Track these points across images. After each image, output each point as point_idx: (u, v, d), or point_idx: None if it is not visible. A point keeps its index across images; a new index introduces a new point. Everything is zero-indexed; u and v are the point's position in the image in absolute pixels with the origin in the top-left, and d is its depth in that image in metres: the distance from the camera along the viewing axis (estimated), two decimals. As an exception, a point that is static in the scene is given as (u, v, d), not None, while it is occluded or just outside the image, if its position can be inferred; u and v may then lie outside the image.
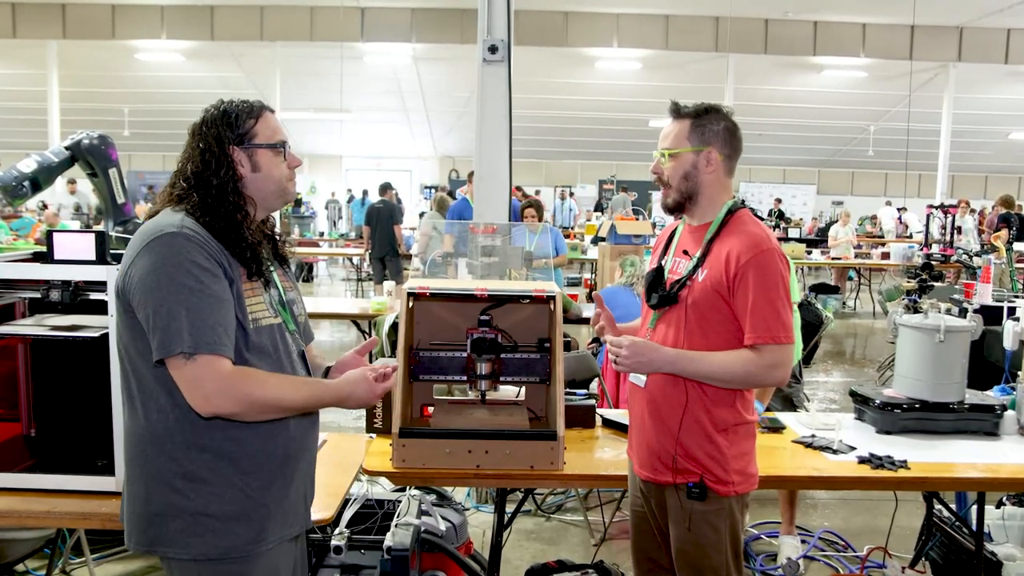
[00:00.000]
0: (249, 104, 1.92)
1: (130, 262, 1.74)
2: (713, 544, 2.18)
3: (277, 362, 1.86)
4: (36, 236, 9.40)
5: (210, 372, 1.67)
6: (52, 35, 16.56)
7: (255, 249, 1.85)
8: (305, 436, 1.96)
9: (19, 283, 2.33)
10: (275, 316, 1.89)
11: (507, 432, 2.53)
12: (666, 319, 2.25)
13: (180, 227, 1.74)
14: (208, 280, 1.71)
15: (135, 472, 1.81)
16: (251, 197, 1.89)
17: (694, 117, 2.22)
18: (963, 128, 19.37)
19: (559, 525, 4.25)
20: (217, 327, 1.69)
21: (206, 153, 1.86)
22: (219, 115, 1.88)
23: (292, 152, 1.96)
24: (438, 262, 5.51)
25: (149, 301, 1.69)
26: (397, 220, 10.81)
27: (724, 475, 2.17)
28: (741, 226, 2.19)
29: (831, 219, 20.48)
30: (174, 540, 1.77)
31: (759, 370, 2.11)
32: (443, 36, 16.19)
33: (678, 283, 2.20)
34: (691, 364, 2.14)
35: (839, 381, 7.89)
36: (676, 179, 2.23)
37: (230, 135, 1.87)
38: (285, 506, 1.89)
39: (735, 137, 2.25)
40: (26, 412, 2.45)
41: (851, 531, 4.18)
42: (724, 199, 2.25)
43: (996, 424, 3.08)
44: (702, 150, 2.20)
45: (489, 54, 5.09)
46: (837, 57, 17.50)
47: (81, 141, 3.14)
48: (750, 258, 2.10)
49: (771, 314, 2.09)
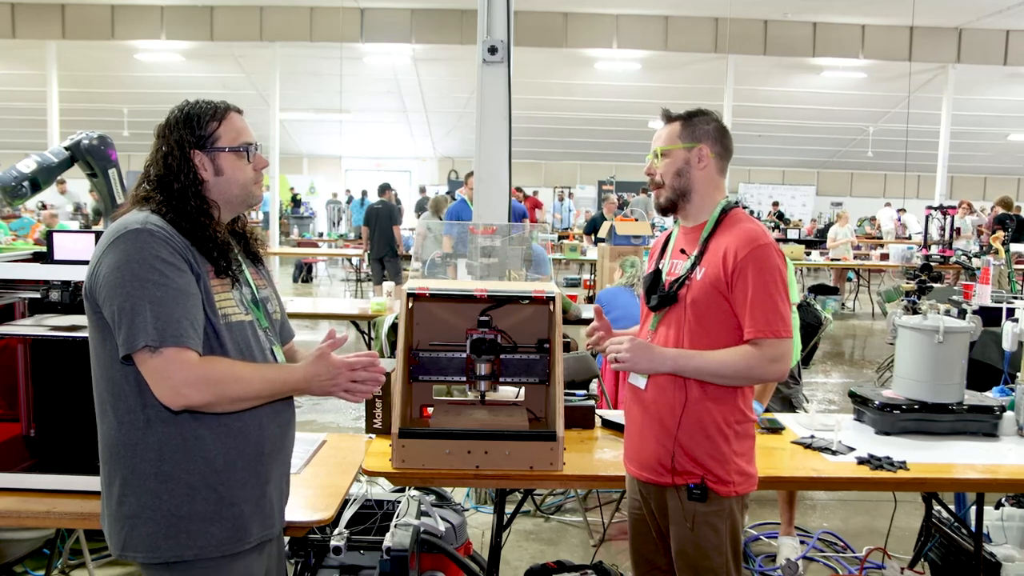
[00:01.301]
0: (213, 105, 1.90)
1: (96, 262, 1.74)
2: (714, 546, 2.18)
3: (249, 358, 1.85)
4: (35, 236, 9.40)
5: (177, 364, 1.67)
6: (51, 35, 16.53)
7: (222, 248, 1.84)
8: (280, 435, 1.94)
9: (19, 283, 2.33)
10: (246, 313, 1.88)
11: (506, 433, 2.53)
12: (666, 320, 2.25)
13: (144, 223, 1.74)
14: (173, 274, 1.71)
15: (112, 475, 1.80)
16: (215, 200, 1.88)
17: (685, 118, 2.28)
18: (962, 129, 19.37)
19: (558, 526, 4.25)
20: (183, 320, 1.69)
21: (168, 157, 1.85)
22: (182, 117, 1.87)
23: (259, 154, 1.94)
24: (437, 263, 5.51)
25: (114, 297, 1.69)
26: (396, 221, 10.82)
27: (725, 475, 2.18)
28: (736, 223, 2.21)
29: (830, 220, 20.49)
30: (145, 544, 1.77)
31: (760, 364, 2.12)
32: (443, 37, 16.18)
33: (676, 282, 2.21)
34: (692, 361, 2.15)
35: (838, 382, 7.90)
36: (669, 176, 2.25)
37: (191, 139, 1.85)
38: (262, 505, 1.88)
39: (726, 136, 2.29)
40: (25, 412, 2.45)
41: (850, 532, 4.18)
42: (717, 198, 2.26)
43: (995, 425, 3.08)
44: (694, 147, 2.24)
45: (489, 55, 5.09)
46: (836, 58, 17.48)
47: (81, 141, 3.14)
48: (747, 253, 2.11)
49: (770, 308, 2.10)
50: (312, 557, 2.74)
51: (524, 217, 9.74)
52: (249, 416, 1.83)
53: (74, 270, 2.24)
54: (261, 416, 1.86)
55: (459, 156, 24.17)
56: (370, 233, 10.72)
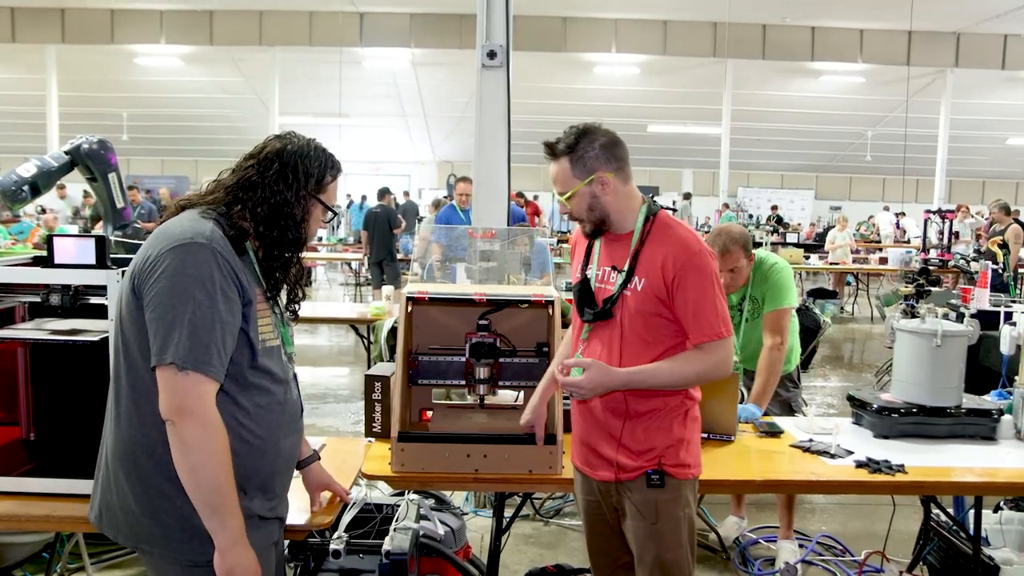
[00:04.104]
0: (335, 162, 1.97)
1: (155, 256, 1.74)
2: (674, 536, 2.23)
3: (285, 383, 1.91)
4: (35, 240, 9.41)
5: (194, 394, 1.68)
6: (51, 40, 16.57)
7: (288, 280, 1.94)
8: (290, 453, 1.99)
9: (19, 287, 2.33)
10: (277, 338, 1.92)
11: (506, 436, 2.53)
12: (598, 334, 2.28)
13: (210, 239, 1.75)
14: (218, 298, 1.72)
15: (126, 469, 1.81)
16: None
17: (569, 152, 2.24)
18: (961, 133, 19.42)
19: (558, 529, 4.25)
20: (211, 346, 1.70)
21: (283, 183, 1.87)
22: (312, 155, 1.91)
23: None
24: (436, 267, 5.52)
25: (158, 305, 1.70)
26: (395, 225, 10.83)
27: (685, 457, 2.25)
28: (668, 231, 2.24)
29: (829, 224, 20.50)
30: (164, 541, 1.79)
31: (709, 368, 2.20)
32: (442, 41, 16.22)
33: (610, 300, 2.24)
34: (646, 379, 2.19)
35: (837, 386, 7.90)
36: (583, 212, 2.27)
37: (314, 182, 1.91)
38: (268, 515, 1.90)
39: (616, 148, 2.27)
40: (25, 416, 2.45)
41: (849, 535, 4.18)
42: (635, 206, 2.28)
43: (993, 428, 3.09)
44: (592, 178, 2.23)
45: (488, 59, 5.10)
46: (835, 63, 17.54)
47: (80, 146, 3.15)
48: (685, 262, 2.17)
49: (712, 313, 2.18)
50: (311, 561, 2.73)
51: (523, 221, 9.75)
52: (267, 433, 1.86)
53: (74, 274, 2.24)
54: (279, 435, 1.90)
55: (458, 160, 24.19)
56: (369, 237, 10.74)
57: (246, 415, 1.82)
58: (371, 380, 2.93)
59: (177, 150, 24.29)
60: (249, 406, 1.83)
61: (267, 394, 1.86)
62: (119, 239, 3.15)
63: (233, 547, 1.74)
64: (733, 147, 18.00)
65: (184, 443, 1.70)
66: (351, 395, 6.99)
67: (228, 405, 1.78)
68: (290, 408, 1.95)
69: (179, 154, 24.55)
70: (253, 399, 1.84)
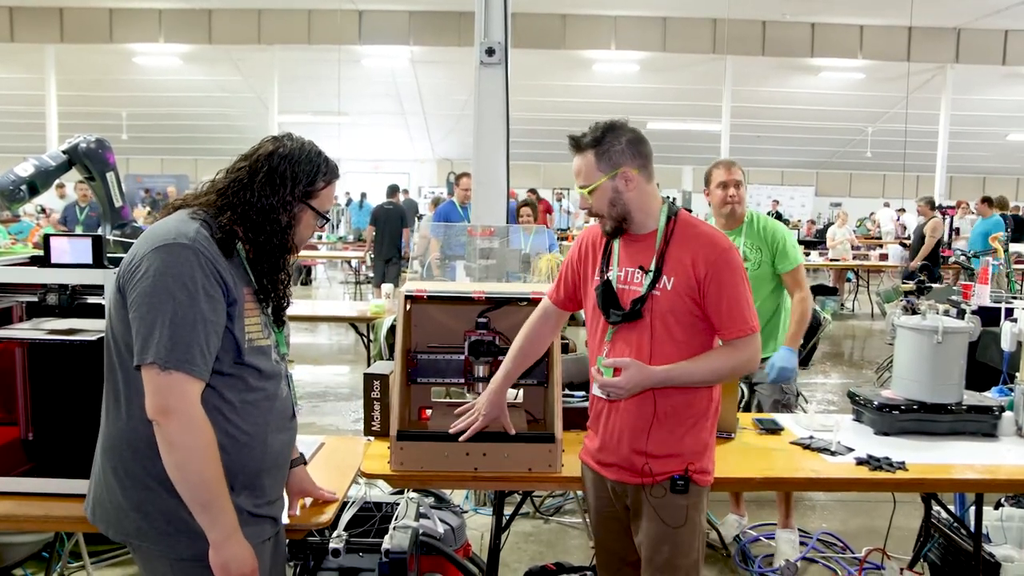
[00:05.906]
0: (331, 168, 1.94)
1: (139, 258, 1.75)
2: (689, 542, 2.23)
3: (274, 379, 1.90)
4: (34, 240, 9.40)
5: (178, 393, 1.69)
6: (50, 39, 16.56)
7: (279, 284, 1.92)
8: (281, 451, 1.98)
9: (16, 287, 2.33)
10: (268, 337, 1.92)
11: (505, 434, 2.53)
12: (623, 336, 2.25)
13: (192, 240, 1.75)
14: (200, 297, 1.72)
15: (112, 464, 1.82)
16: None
17: (595, 146, 2.23)
18: (961, 129, 19.39)
19: (558, 527, 4.25)
20: (194, 346, 1.70)
21: (268, 189, 1.86)
22: (303, 159, 1.89)
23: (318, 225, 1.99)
24: (435, 265, 5.51)
25: (140, 304, 1.71)
26: (407, 223, 10.72)
27: (707, 464, 2.26)
28: (692, 229, 2.24)
29: (829, 221, 20.50)
30: (151, 535, 1.79)
31: (742, 362, 2.24)
32: (441, 39, 16.20)
33: (640, 300, 2.22)
34: (682, 376, 2.19)
35: (837, 383, 7.90)
36: (604, 208, 2.25)
37: (300, 187, 1.88)
38: (257, 512, 1.89)
39: (642, 145, 2.26)
40: (23, 416, 2.44)
41: (849, 532, 4.18)
42: (656, 206, 2.28)
43: (994, 425, 3.08)
44: (616, 173, 2.21)
45: (486, 57, 5.09)
46: (835, 59, 17.52)
47: (79, 145, 3.15)
48: (716, 259, 2.18)
49: (744, 308, 2.20)
50: (311, 559, 2.73)
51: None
52: (254, 429, 1.86)
53: (71, 274, 2.24)
54: (267, 431, 1.89)
55: (458, 158, 24.18)
56: (378, 234, 10.64)
57: (232, 410, 1.82)
58: (370, 378, 2.93)
59: (177, 149, 24.29)
60: (236, 401, 1.83)
61: (254, 390, 1.87)
62: (117, 238, 3.15)
63: (227, 541, 1.76)
64: (733, 144, 17.97)
65: (170, 442, 1.70)
66: (351, 393, 6.99)
67: (214, 400, 1.78)
68: (280, 405, 1.95)
69: (179, 153, 24.55)
70: (240, 394, 1.84)
